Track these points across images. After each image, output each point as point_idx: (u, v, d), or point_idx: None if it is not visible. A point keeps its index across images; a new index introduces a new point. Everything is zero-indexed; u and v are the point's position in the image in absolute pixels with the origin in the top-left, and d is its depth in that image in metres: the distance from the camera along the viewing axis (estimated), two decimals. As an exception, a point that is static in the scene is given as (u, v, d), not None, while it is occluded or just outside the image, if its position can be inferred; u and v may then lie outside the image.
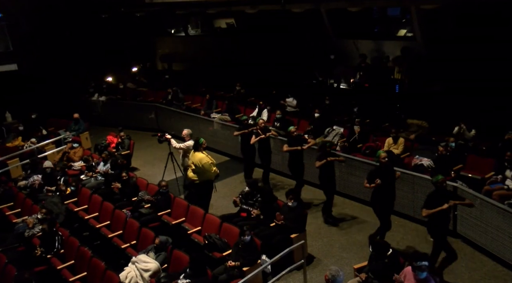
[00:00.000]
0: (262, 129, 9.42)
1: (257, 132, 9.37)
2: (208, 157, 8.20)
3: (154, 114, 14.12)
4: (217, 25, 16.93)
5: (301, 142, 8.87)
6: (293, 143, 8.77)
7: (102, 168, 9.89)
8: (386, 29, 13.14)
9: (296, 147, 8.66)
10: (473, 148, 8.98)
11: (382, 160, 7.01)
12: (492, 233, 6.79)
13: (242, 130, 9.80)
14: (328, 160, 7.95)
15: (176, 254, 6.65)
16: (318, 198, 9.08)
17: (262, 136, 9.28)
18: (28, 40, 15.48)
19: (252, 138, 9.39)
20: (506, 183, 7.58)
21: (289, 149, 8.71)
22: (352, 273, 6.19)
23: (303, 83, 13.51)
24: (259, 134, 9.35)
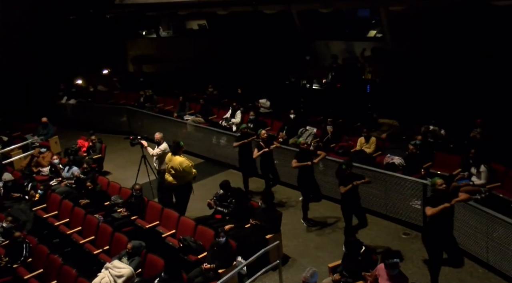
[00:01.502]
0: (265, 142, 8.68)
1: (259, 145, 8.66)
2: (187, 160, 8.09)
3: (126, 117, 13.91)
4: (189, 26, 16.85)
5: (310, 156, 8.03)
6: (302, 157, 7.92)
7: (66, 174, 9.64)
8: (356, 30, 13.37)
9: (306, 162, 7.84)
10: (441, 145, 9.23)
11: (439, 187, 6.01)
12: (459, 227, 6.98)
13: (241, 141, 9.10)
14: (354, 184, 6.93)
15: (150, 258, 6.55)
16: (293, 198, 9.13)
17: (266, 150, 8.55)
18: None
19: (255, 152, 8.68)
20: (472, 179, 7.83)
21: (298, 164, 7.85)
22: (327, 272, 6.24)
23: (276, 84, 13.59)
24: (262, 148, 8.62)
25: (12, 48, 15.25)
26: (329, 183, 8.89)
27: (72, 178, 9.47)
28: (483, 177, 7.70)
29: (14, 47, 15.28)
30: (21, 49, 15.39)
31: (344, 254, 6.04)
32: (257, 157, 8.69)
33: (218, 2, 13.09)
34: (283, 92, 13.16)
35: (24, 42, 15.42)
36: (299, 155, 7.95)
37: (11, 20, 14.94)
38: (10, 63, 15.15)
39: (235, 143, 9.23)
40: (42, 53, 15.71)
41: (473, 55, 10.28)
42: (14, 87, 14.82)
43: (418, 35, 11.25)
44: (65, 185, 9.41)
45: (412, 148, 8.58)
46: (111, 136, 13.41)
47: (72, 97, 14.98)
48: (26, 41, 15.44)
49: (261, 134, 8.70)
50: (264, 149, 8.54)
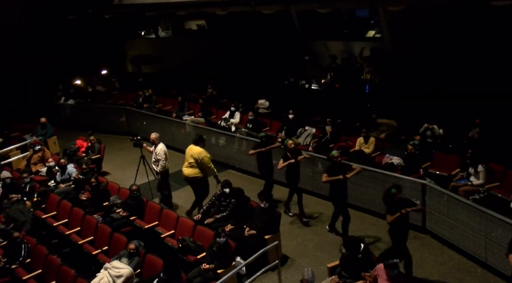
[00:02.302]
0: (292, 152, 8.09)
1: (286, 155, 8.06)
2: (207, 153, 8.25)
3: (124, 117, 13.90)
4: (187, 27, 16.85)
5: (343, 169, 7.33)
6: (333, 171, 7.28)
7: (61, 177, 9.62)
8: (355, 30, 13.38)
9: (338, 176, 7.20)
10: (440, 145, 9.24)
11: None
12: (458, 228, 7.00)
13: (258, 149, 8.71)
14: (403, 212, 6.11)
15: (149, 258, 6.55)
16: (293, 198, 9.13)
17: (292, 161, 7.97)
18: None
19: (280, 163, 8.07)
20: (470, 179, 7.85)
21: (329, 179, 7.22)
22: (326, 272, 6.24)
23: (275, 85, 13.60)
24: (288, 158, 8.02)
25: (11, 49, 15.24)
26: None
27: (70, 179, 9.46)
28: (481, 177, 7.72)
29: (13, 47, 15.26)
30: (20, 50, 15.38)
31: (342, 254, 6.03)
32: (282, 167, 8.09)
33: (217, 2, 13.08)
34: (282, 93, 13.16)
35: (23, 43, 15.41)
36: (331, 168, 7.35)
37: (11, 20, 14.91)
38: (9, 63, 15.13)
39: (252, 151, 8.87)
40: (41, 53, 15.68)
41: (473, 55, 10.29)
42: (13, 87, 14.80)
43: (417, 35, 11.26)
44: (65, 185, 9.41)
45: (411, 148, 8.59)
46: (110, 137, 13.41)
47: (71, 98, 14.98)
48: (25, 42, 15.43)
49: (288, 144, 8.10)
50: (291, 160, 7.98)
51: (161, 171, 8.75)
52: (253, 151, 8.85)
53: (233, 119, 11.96)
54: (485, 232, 6.55)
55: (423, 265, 6.89)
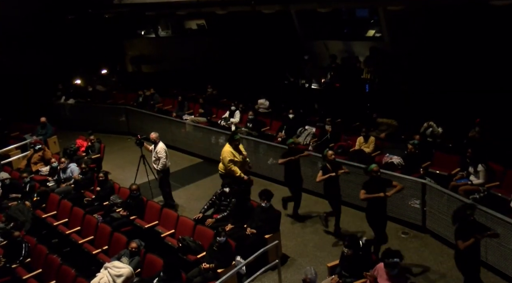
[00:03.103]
0: (333, 164, 7.58)
1: (326, 167, 7.54)
2: (232, 154, 8.12)
3: (124, 117, 13.90)
4: (187, 26, 16.84)
5: (383, 186, 6.82)
6: (372, 187, 6.74)
7: (63, 175, 9.63)
8: (355, 30, 13.37)
9: (378, 194, 6.67)
10: (440, 144, 9.24)
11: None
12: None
13: (288, 158, 8.16)
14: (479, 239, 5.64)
15: (149, 258, 6.55)
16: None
17: (333, 175, 7.45)
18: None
19: (319, 175, 7.54)
20: (470, 178, 7.85)
21: (368, 196, 6.71)
22: (326, 272, 6.25)
23: (275, 84, 13.59)
24: (328, 171, 7.48)
25: (11, 48, 15.22)
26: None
27: (71, 178, 9.47)
28: (481, 176, 7.72)
29: (13, 47, 15.24)
30: (20, 49, 15.35)
31: (342, 254, 6.03)
32: (321, 180, 7.57)
33: (217, 2, 13.07)
34: (282, 92, 13.16)
35: (23, 42, 15.38)
36: (369, 184, 6.72)
37: (11, 20, 14.89)
38: (9, 63, 15.12)
39: (281, 160, 8.27)
40: (41, 53, 15.67)
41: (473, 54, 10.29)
42: (13, 87, 14.79)
43: (416, 35, 11.26)
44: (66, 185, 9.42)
45: (411, 147, 8.59)
46: (110, 136, 13.42)
47: (71, 97, 14.98)
48: (25, 41, 15.40)
49: (328, 155, 7.55)
50: (331, 173, 7.44)
51: (162, 169, 8.79)
52: (282, 160, 8.20)
53: (233, 118, 11.96)
54: (485, 232, 6.54)
55: (423, 264, 6.89)
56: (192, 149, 11.92)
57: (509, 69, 9.86)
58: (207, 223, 7.49)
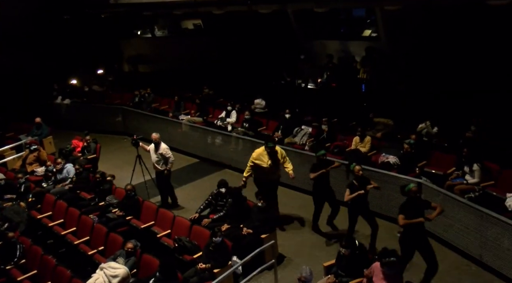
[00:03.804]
0: (360, 180, 6.98)
1: (352, 184, 6.98)
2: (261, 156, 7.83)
3: (121, 117, 13.87)
4: (184, 26, 16.81)
5: (423, 207, 6.24)
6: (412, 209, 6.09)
7: (60, 175, 9.60)
8: (351, 29, 13.38)
9: (418, 219, 6.04)
10: (436, 144, 9.27)
11: None
12: (454, 226, 7.02)
13: (319, 171, 7.55)
14: None
15: (145, 258, 6.55)
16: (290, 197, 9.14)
17: (361, 193, 6.88)
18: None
19: (347, 194, 6.96)
20: (466, 177, 7.87)
21: (407, 221, 6.03)
22: (322, 271, 6.25)
23: (272, 84, 13.59)
24: (355, 188, 6.90)
25: (7, 48, 15.15)
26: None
27: (68, 178, 9.43)
28: (476, 176, 7.74)
29: (9, 47, 15.17)
30: (17, 50, 15.28)
31: (338, 253, 6.03)
32: (349, 199, 6.99)
33: (213, 1, 13.05)
34: (278, 92, 13.15)
35: (19, 43, 15.32)
36: (407, 207, 6.11)
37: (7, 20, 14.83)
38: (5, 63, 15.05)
39: (312, 174, 7.59)
40: (37, 53, 15.61)
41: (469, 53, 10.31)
42: (9, 87, 14.72)
43: (413, 34, 11.27)
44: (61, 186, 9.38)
45: (407, 147, 8.61)
46: (106, 137, 13.39)
47: (67, 97, 14.93)
48: (21, 42, 15.33)
49: (356, 170, 6.95)
50: (360, 191, 6.87)
51: (169, 168, 8.93)
52: (314, 175, 7.56)
53: (230, 118, 11.95)
54: (480, 230, 6.58)
55: (419, 264, 6.87)
56: (189, 149, 11.91)
57: (505, 70, 9.89)
58: (203, 223, 7.48)
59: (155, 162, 8.96)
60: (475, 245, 6.73)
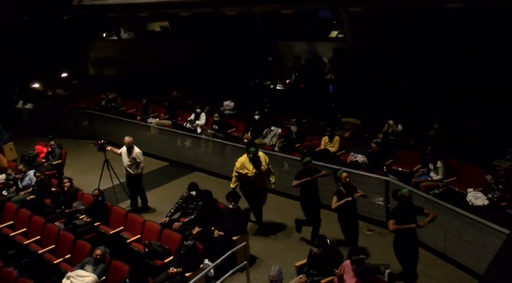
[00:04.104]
0: (347, 187, 6.71)
1: (340, 191, 6.70)
2: (245, 165, 7.60)
3: (87, 121, 13.53)
4: (151, 28, 16.61)
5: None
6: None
7: (23, 183, 9.26)
8: (318, 31, 13.57)
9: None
10: (402, 142, 9.51)
11: None
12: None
13: (304, 179, 7.22)
14: None
15: (115, 265, 6.40)
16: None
17: (349, 199, 6.60)
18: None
19: (334, 201, 6.68)
20: (430, 174, 8.12)
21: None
22: (294, 271, 6.29)
23: (241, 85, 13.60)
24: (343, 195, 6.62)
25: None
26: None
27: (31, 186, 9.10)
28: (440, 172, 8.01)
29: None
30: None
31: (310, 253, 6.09)
32: (336, 207, 6.67)
33: (180, 3, 12.96)
34: (247, 93, 13.18)
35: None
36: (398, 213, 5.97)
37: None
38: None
39: (295, 181, 7.29)
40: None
41: (431, 53, 10.64)
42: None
43: (378, 34, 11.54)
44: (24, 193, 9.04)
45: (374, 145, 8.79)
46: (72, 141, 13.01)
47: (29, 102, 14.42)
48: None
49: (343, 177, 6.68)
50: (347, 198, 6.61)
51: (141, 172, 8.84)
52: (297, 182, 7.26)
53: (199, 121, 11.88)
54: (444, 225, 6.79)
55: (387, 260, 7.04)
56: (158, 152, 11.75)
57: (466, 69, 10.26)
58: (174, 226, 7.39)
59: (127, 166, 8.81)
60: (440, 239, 6.93)
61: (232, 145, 10.17)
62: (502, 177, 7.27)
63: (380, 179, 7.86)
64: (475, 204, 7.06)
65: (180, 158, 11.29)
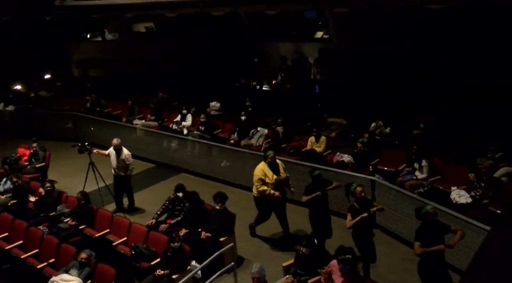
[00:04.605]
0: (361, 202, 6.18)
1: (353, 207, 6.17)
2: (263, 171, 7.20)
3: (71, 123, 13.35)
4: (136, 29, 16.50)
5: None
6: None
7: (3, 187, 9.06)
8: (304, 31, 13.64)
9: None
10: (388, 142, 9.61)
11: None
12: (406, 220, 7.28)
13: (314, 194, 6.79)
14: None
15: (100, 268, 6.32)
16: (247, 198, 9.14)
17: (365, 216, 6.08)
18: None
19: (348, 219, 6.15)
20: (415, 173, 8.22)
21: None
22: (281, 271, 6.29)
23: (227, 86, 13.59)
24: (357, 213, 6.06)
25: None
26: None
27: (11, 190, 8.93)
28: (425, 171, 8.11)
29: None
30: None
31: (297, 253, 6.10)
32: (352, 225, 6.15)
33: (165, 4, 12.88)
34: (233, 94, 13.17)
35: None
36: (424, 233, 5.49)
37: None
38: None
39: (305, 197, 6.83)
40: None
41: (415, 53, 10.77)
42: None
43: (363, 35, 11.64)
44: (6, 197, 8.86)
45: (360, 145, 8.85)
46: (56, 144, 12.82)
47: (11, 104, 14.17)
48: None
49: (357, 192, 6.18)
50: (363, 215, 6.08)
51: (130, 174, 8.80)
52: (306, 198, 6.79)
53: (185, 122, 11.82)
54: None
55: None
56: (144, 154, 11.65)
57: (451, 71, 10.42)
58: (160, 228, 7.34)
59: (116, 168, 8.77)
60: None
61: (219, 146, 10.15)
62: (484, 175, 7.39)
63: (366, 178, 7.92)
64: (459, 202, 7.16)
65: (166, 160, 11.22)
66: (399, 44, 11.07)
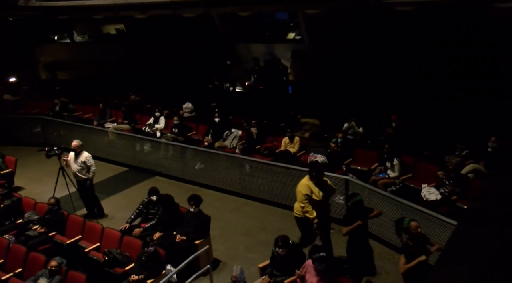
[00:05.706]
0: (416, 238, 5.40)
1: (408, 246, 5.42)
2: (312, 189, 6.39)
3: (40, 128, 12.96)
4: (106, 31, 16.21)
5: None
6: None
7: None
8: (276, 32, 13.72)
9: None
10: (360, 141, 9.75)
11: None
12: (379, 219, 7.38)
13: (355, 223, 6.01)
14: None
15: (72, 275, 6.15)
16: (222, 200, 9.11)
17: (422, 259, 5.28)
18: None
19: (402, 263, 5.40)
20: (388, 172, 8.38)
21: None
22: (257, 273, 6.29)
23: (200, 88, 13.52)
24: (412, 254, 5.34)
25: None
26: (256, 184, 9.00)
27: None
28: (397, 170, 8.27)
29: None
30: None
31: (272, 254, 6.11)
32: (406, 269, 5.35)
33: (136, 5, 12.69)
34: (206, 96, 13.11)
35: None
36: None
37: None
38: None
39: (345, 229, 6.08)
40: None
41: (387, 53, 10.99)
42: None
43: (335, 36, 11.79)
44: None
45: (334, 145, 8.96)
46: (24, 149, 12.45)
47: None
48: None
49: (412, 227, 5.37)
50: (420, 258, 5.30)
51: (92, 177, 8.54)
52: (347, 229, 6.03)
53: (158, 124, 11.68)
54: (400, 220, 6.98)
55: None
56: (116, 158, 11.44)
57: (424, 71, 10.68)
58: (134, 233, 7.22)
59: (76, 171, 8.51)
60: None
61: (193, 148, 10.07)
62: (452, 172, 7.60)
63: (340, 178, 8.00)
64: (429, 199, 7.34)
65: (139, 163, 11.04)
66: (370, 45, 11.28)
